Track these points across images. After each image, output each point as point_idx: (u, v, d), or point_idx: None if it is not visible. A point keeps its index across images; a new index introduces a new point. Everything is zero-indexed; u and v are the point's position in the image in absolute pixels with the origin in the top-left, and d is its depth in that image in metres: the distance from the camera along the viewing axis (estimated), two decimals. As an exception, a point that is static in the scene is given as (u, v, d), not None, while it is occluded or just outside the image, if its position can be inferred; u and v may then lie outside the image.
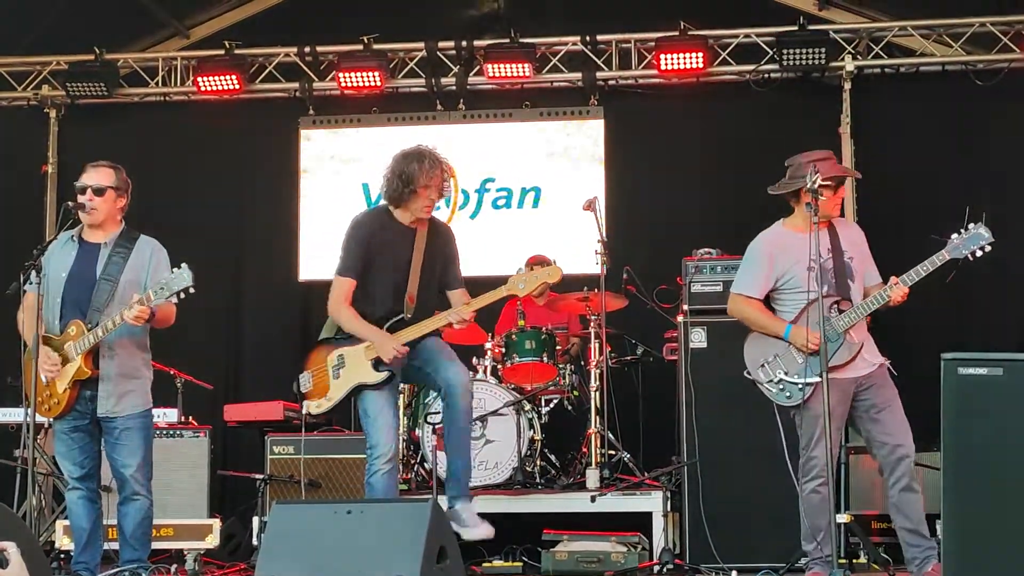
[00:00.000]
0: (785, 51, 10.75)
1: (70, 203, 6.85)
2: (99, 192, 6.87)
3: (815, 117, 10.98)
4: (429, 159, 6.94)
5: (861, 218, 10.73)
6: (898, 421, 6.77)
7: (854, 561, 7.45)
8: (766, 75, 11.07)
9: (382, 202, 7.17)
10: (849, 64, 10.88)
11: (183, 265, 6.61)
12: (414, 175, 6.88)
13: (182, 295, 6.61)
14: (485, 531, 7.01)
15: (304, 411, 7.23)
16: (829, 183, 6.77)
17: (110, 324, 6.66)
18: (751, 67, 11.05)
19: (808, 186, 6.55)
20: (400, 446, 9.08)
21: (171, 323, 6.92)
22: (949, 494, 5.86)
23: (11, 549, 4.91)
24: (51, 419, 6.94)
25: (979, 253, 6.60)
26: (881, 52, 10.99)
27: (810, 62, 10.78)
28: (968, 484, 5.85)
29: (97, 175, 6.91)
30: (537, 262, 9.99)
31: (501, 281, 7.06)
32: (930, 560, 6.62)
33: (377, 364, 6.88)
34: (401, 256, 6.99)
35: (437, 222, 7.22)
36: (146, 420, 6.94)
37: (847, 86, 10.94)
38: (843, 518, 6.55)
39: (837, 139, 10.80)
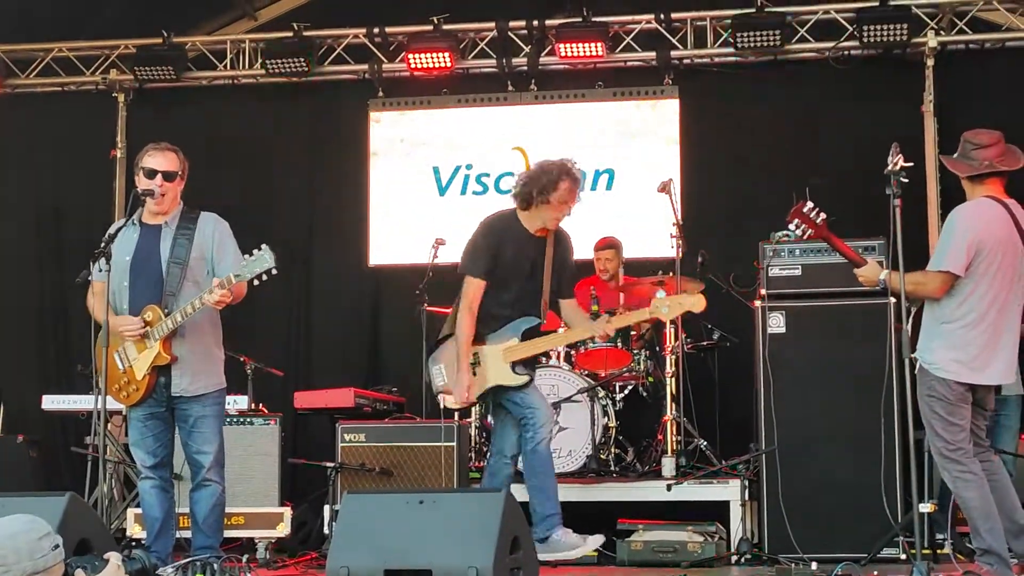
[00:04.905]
0: (866, 27, 10.48)
1: (138, 189, 6.78)
2: (169, 177, 6.80)
3: (897, 95, 10.74)
4: (571, 177, 7.09)
5: (944, 198, 10.51)
6: None
7: (938, 552, 7.26)
8: (846, 52, 10.81)
9: (510, 206, 7.29)
10: (932, 40, 10.61)
11: (264, 246, 6.50)
12: (551, 186, 7.05)
13: (264, 277, 6.50)
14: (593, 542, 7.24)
15: (443, 404, 7.49)
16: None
17: (189, 308, 6.59)
18: (830, 44, 10.78)
19: (888, 169, 6.38)
20: (472, 433, 9.04)
21: (242, 297, 6.75)
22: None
23: (114, 559, 4.87)
24: (127, 407, 6.85)
25: None
26: (965, 27, 10.72)
27: (892, 38, 10.51)
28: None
29: (165, 160, 6.82)
30: (605, 245, 9.92)
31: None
32: None
33: (515, 367, 7.11)
34: (535, 262, 7.19)
35: (560, 230, 7.34)
36: (219, 404, 6.87)
37: (930, 63, 10.67)
38: (926, 508, 6.39)
39: (920, 117, 10.59)
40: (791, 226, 6.73)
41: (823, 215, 6.65)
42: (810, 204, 6.67)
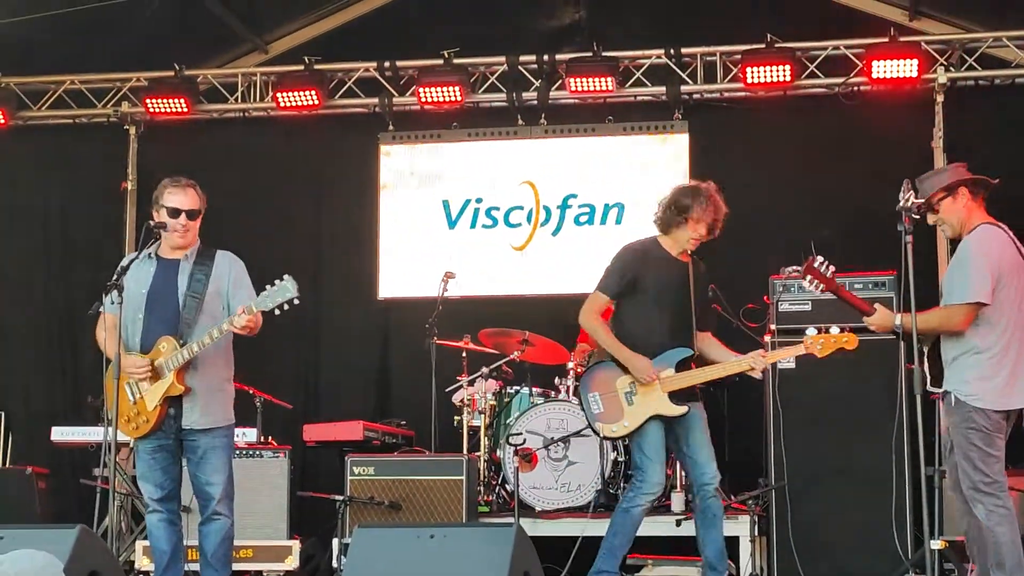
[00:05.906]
0: (875, 63, 10.48)
1: (152, 222, 6.81)
2: (193, 216, 6.85)
3: (907, 131, 10.70)
4: (707, 197, 7.21)
5: (953, 234, 10.49)
6: None
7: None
8: (855, 88, 10.81)
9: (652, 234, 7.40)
10: (941, 76, 10.59)
11: (286, 276, 6.53)
12: (689, 207, 7.16)
13: (286, 307, 6.52)
14: None
15: (600, 434, 7.39)
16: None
17: (207, 339, 6.60)
18: (840, 80, 10.80)
19: (900, 205, 6.39)
20: (481, 467, 9.02)
21: (259, 329, 6.79)
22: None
23: None
24: (135, 439, 6.84)
25: None
26: (975, 64, 10.71)
27: (901, 74, 10.49)
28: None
29: (187, 198, 6.85)
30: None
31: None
32: None
33: (674, 397, 7.06)
34: (683, 287, 7.20)
35: (696, 258, 7.39)
36: (228, 437, 6.88)
37: (940, 99, 10.65)
38: (937, 544, 6.35)
39: (929, 153, 10.55)
40: (804, 283, 6.73)
41: (832, 268, 6.65)
42: (820, 258, 6.67)
